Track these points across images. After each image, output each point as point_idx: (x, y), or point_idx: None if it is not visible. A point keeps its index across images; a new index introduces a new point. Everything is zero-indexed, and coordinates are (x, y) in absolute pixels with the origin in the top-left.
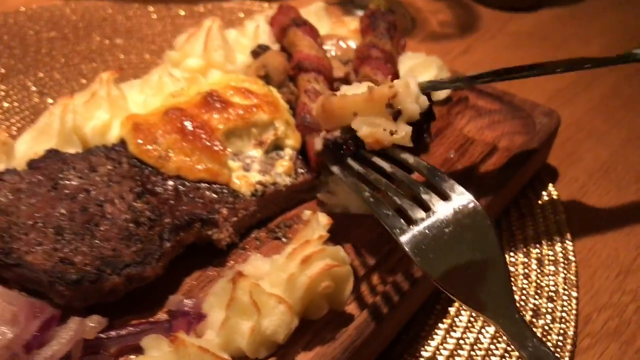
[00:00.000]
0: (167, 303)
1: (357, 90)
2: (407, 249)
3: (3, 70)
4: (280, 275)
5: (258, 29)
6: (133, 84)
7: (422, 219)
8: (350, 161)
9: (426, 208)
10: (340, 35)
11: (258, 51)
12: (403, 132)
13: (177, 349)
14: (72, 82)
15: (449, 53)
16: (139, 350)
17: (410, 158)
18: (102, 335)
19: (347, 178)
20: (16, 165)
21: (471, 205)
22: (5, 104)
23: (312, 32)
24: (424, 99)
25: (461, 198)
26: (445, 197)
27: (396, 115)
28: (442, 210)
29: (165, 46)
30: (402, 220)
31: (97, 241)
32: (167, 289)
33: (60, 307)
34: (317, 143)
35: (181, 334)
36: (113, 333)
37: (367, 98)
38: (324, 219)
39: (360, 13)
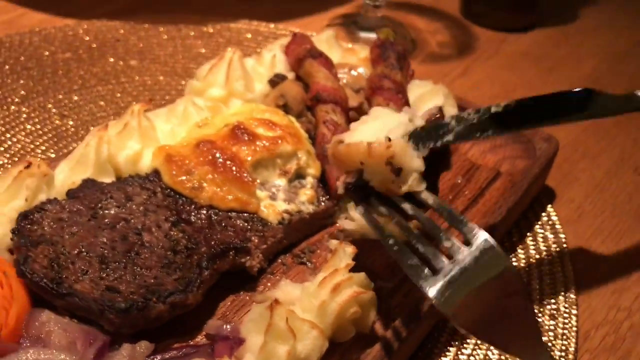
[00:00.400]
0: (206, 327)
1: (367, 126)
2: (434, 302)
3: (23, 92)
4: (312, 302)
5: (275, 58)
6: (159, 113)
7: (446, 268)
8: (373, 201)
9: (449, 255)
10: (351, 63)
11: (275, 80)
12: (409, 182)
13: None
14: (90, 104)
15: (449, 74)
16: None
17: (430, 199)
18: (148, 359)
19: (370, 223)
20: (56, 194)
21: (493, 250)
22: (28, 126)
23: (328, 63)
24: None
25: (482, 243)
26: (466, 242)
27: (397, 172)
28: (464, 257)
29: (178, 67)
30: (425, 271)
31: (139, 269)
32: (204, 314)
33: (109, 333)
34: (340, 187)
35: (225, 359)
36: (158, 357)
37: (367, 153)
38: (349, 249)
39: (363, 35)
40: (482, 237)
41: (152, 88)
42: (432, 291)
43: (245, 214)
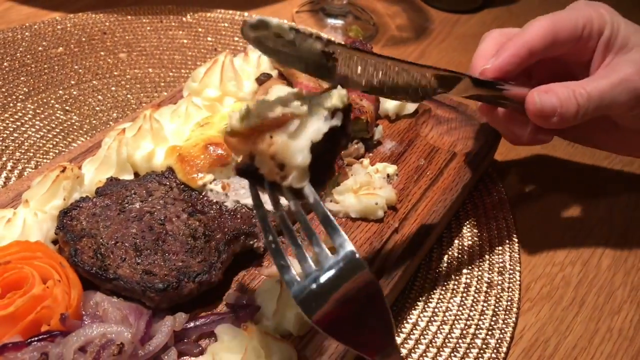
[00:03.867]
0: (226, 298)
1: None
2: (298, 304)
3: (25, 89)
4: None
5: (260, 58)
6: (163, 113)
7: (313, 274)
8: (266, 186)
9: (317, 261)
10: None
11: (262, 79)
12: (289, 178)
13: (248, 335)
14: (89, 98)
15: (408, 58)
16: (211, 335)
17: (311, 198)
18: (184, 327)
19: (256, 210)
20: (86, 192)
21: (356, 260)
22: (37, 122)
23: None
24: (316, 133)
25: (347, 253)
26: (334, 249)
27: (281, 166)
28: (330, 264)
29: (164, 59)
30: (294, 275)
31: (167, 254)
32: (222, 287)
33: (150, 308)
34: (233, 170)
35: (249, 323)
36: (191, 324)
37: (254, 149)
38: None
39: (330, 21)
40: (347, 246)
41: (143, 80)
42: (297, 295)
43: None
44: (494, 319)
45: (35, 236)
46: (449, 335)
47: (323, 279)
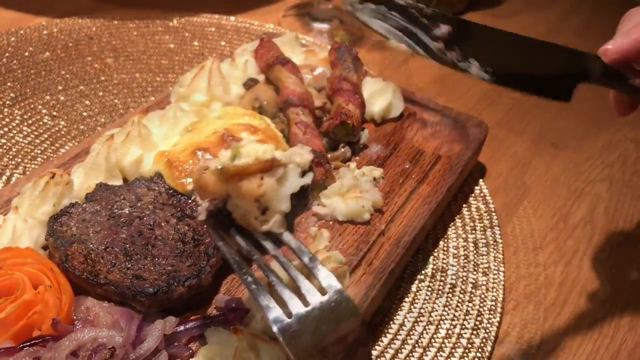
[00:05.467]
0: (215, 301)
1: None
2: (284, 345)
3: (12, 94)
4: None
5: (247, 63)
6: (151, 118)
7: (301, 314)
8: (233, 232)
9: (305, 301)
10: (312, 65)
11: (249, 84)
12: (271, 223)
13: (238, 337)
14: (76, 104)
15: (393, 61)
16: (201, 338)
17: (293, 242)
18: (174, 330)
19: (229, 253)
20: (75, 198)
21: (345, 302)
22: (25, 128)
23: (294, 69)
24: (296, 185)
25: (336, 294)
26: (322, 290)
27: (263, 210)
28: (319, 305)
29: (151, 63)
30: (281, 314)
31: (157, 259)
32: (212, 290)
33: (141, 312)
34: (201, 214)
35: (239, 326)
36: (182, 327)
37: (237, 189)
38: (326, 233)
39: (316, 25)
40: (336, 287)
41: (130, 85)
42: (285, 337)
43: None
44: (478, 318)
45: (26, 242)
46: (434, 336)
47: (311, 320)
